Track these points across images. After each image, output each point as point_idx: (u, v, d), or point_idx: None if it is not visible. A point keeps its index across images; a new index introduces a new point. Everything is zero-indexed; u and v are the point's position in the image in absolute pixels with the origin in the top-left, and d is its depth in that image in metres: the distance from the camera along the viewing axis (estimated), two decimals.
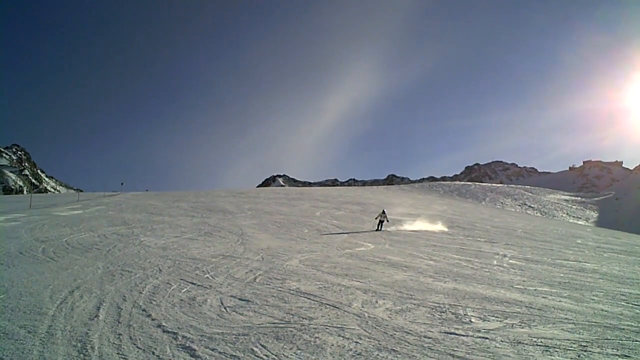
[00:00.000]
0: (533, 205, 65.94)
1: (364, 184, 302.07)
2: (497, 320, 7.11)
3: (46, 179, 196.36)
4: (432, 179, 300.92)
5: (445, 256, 14.29)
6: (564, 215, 64.15)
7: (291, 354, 5.51)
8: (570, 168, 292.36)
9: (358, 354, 5.52)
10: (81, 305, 7.71)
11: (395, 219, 26.30)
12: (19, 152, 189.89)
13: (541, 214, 60.79)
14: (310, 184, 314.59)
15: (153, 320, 6.92)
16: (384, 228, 22.42)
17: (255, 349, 5.66)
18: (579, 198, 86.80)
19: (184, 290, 8.82)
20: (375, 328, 6.56)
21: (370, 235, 19.45)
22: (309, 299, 8.28)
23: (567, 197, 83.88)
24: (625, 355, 5.65)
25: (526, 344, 5.98)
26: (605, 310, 8.04)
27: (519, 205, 64.02)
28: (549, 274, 11.92)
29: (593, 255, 16.50)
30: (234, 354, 5.51)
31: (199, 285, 9.27)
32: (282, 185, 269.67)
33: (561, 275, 11.79)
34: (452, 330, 6.51)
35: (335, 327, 6.55)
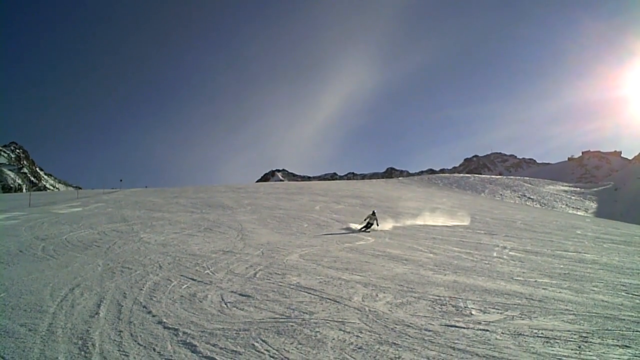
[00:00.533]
0: (532, 197, 65.95)
1: (363, 177, 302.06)
2: (498, 313, 7.12)
3: (45, 177, 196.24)
4: (431, 171, 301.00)
5: (445, 249, 14.29)
6: (563, 206, 64.19)
7: (292, 349, 5.51)
8: (569, 159, 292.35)
9: (359, 348, 5.53)
10: (82, 303, 7.72)
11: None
12: (18, 150, 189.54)
13: (540, 205, 60.84)
14: (309, 178, 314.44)
15: (154, 316, 6.93)
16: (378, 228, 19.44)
17: (256, 344, 5.67)
18: (578, 189, 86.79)
19: (184, 287, 8.82)
20: (375, 322, 6.57)
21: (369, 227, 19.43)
22: (309, 293, 8.29)
23: (566, 188, 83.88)
24: (625, 346, 5.66)
25: (527, 335, 5.99)
26: (606, 301, 8.04)
27: (518, 197, 64.03)
28: (549, 265, 11.93)
29: (593, 246, 16.51)
30: (235, 349, 5.51)
31: (199, 281, 9.27)
32: (281, 180, 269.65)
33: (561, 266, 11.80)
34: (453, 323, 6.51)
35: (335, 322, 6.56)
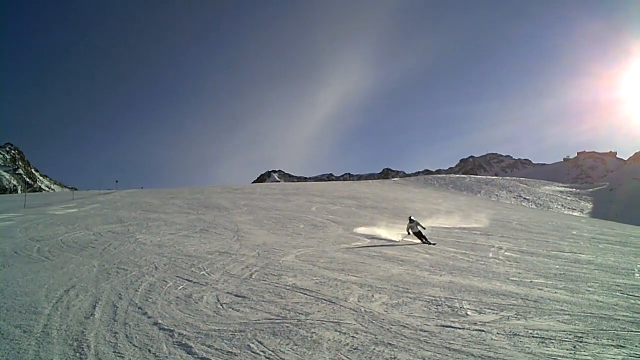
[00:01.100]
0: (528, 197, 66.11)
1: (360, 178, 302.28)
2: (493, 313, 7.13)
3: (40, 178, 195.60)
4: (427, 172, 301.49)
5: (441, 249, 14.32)
6: (559, 206, 64.37)
7: (288, 350, 5.51)
8: (564, 159, 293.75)
9: (354, 349, 5.53)
10: (77, 304, 7.70)
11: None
12: (13, 151, 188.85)
13: (536, 205, 60.99)
14: (305, 179, 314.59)
15: (149, 318, 6.92)
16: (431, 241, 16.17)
17: (251, 345, 5.66)
18: (574, 189, 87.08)
19: (180, 288, 8.80)
20: (371, 322, 6.57)
21: (366, 229, 19.43)
22: (305, 294, 8.29)
23: (562, 189, 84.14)
24: (620, 346, 5.68)
25: (522, 335, 6.01)
26: (601, 301, 8.07)
27: (514, 197, 64.17)
28: (544, 265, 11.96)
29: (588, 247, 16.57)
30: (231, 350, 5.50)
31: (195, 282, 9.25)
32: (278, 181, 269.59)
33: (557, 266, 11.83)
34: (449, 324, 6.52)
35: (331, 322, 6.56)
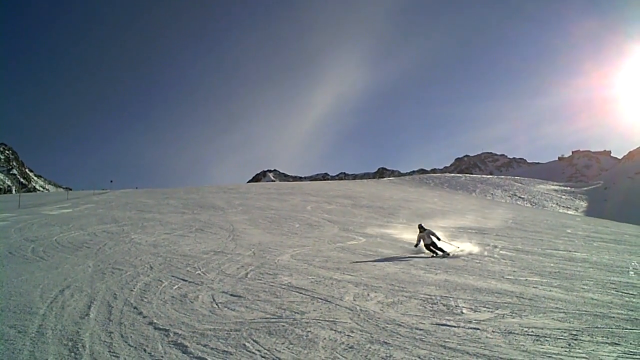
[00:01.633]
0: (523, 196, 66.34)
1: (355, 177, 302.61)
2: (488, 311, 7.15)
3: (35, 178, 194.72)
4: (423, 171, 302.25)
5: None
6: (554, 205, 64.64)
7: (283, 349, 5.50)
8: (559, 158, 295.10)
9: (350, 347, 5.53)
10: (72, 304, 7.66)
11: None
12: (7, 152, 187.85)
13: (531, 204, 61.23)
14: (301, 179, 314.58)
15: (144, 317, 6.89)
16: (446, 250, 13.87)
17: (247, 344, 5.65)
18: (569, 188, 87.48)
19: (175, 287, 8.78)
20: (367, 321, 6.57)
21: (361, 227, 19.44)
22: (300, 293, 8.29)
23: (557, 187, 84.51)
24: (615, 343, 5.70)
25: (517, 333, 6.02)
26: (595, 299, 8.10)
27: (509, 196, 64.37)
28: (539, 264, 12.00)
29: (583, 245, 16.63)
30: (226, 349, 5.49)
31: (190, 282, 9.23)
32: (273, 180, 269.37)
33: (551, 265, 11.88)
34: (444, 322, 6.53)
35: (327, 321, 6.56)
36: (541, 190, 75.30)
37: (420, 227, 14.38)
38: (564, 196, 74.85)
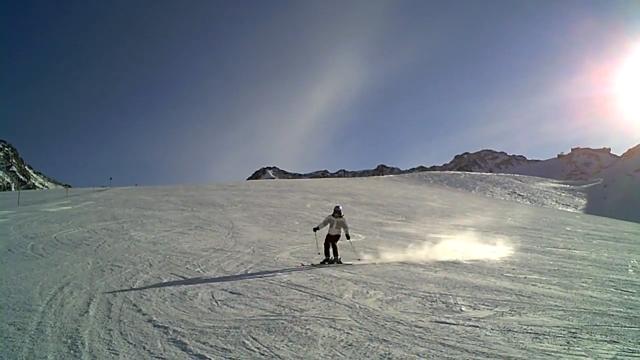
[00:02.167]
0: (522, 194, 66.35)
1: (354, 175, 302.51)
2: (487, 309, 7.15)
3: (34, 175, 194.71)
4: (422, 168, 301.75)
5: (436, 245, 14.34)
6: (553, 202, 64.69)
7: (282, 346, 5.50)
8: (558, 155, 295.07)
9: (349, 345, 5.53)
10: (71, 302, 7.66)
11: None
12: (6, 149, 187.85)
13: (530, 202, 61.25)
14: (300, 176, 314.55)
15: (144, 315, 6.89)
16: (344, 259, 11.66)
17: (246, 341, 5.65)
18: (568, 185, 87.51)
19: (174, 285, 8.78)
20: (366, 319, 6.57)
21: (361, 225, 19.43)
22: (300, 291, 8.29)
23: (556, 185, 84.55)
24: (614, 341, 5.70)
25: (516, 331, 6.02)
26: (594, 297, 8.11)
27: (509, 194, 64.39)
28: (538, 261, 12.01)
29: (582, 243, 16.65)
30: (225, 347, 5.49)
31: (189, 279, 9.24)
32: (272, 178, 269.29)
33: (550, 262, 11.89)
34: (443, 320, 6.53)
35: (326, 319, 6.56)
36: (540, 188, 75.29)
37: (337, 211, 11.95)
38: (563, 194, 74.89)
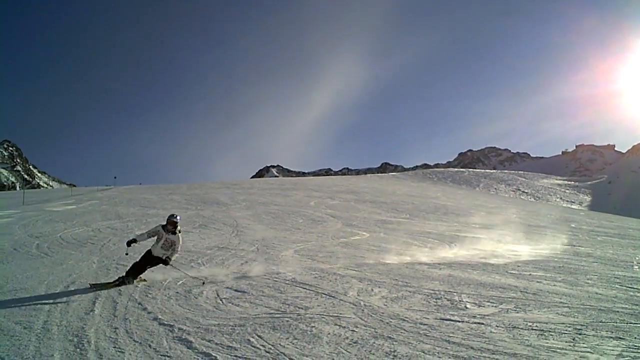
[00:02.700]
0: (527, 191, 66.20)
1: (358, 172, 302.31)
2: (492, 306, 7.15)
3: (39, 175, 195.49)
4: (426, 166, 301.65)
5: (439, 243, 14.33)
6: (558, 199, 64.54)
7: (287, 344, 5.51)
8: (563, 152, 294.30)
9: (354, 342, 5.54)
10: (77, 300, 7.69)
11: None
12: (11, 148, 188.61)
13: (535, 198, 61.11)
14: (304, 174, 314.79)
15: (149, 313, 6.91)
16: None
17: (251, 339, 5.67)
18: (572, 182, 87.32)
19: (179, 283, 8.80)
20: (371, 316, 6.57)
21: (365, 223, 19.42)
22: (304, 288, 8.29)
23: (561, 182, 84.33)
24: (619, 338, 5.70)
25: (521, 328, 6.02)
26: (600, 294, 8.09)
27: (513, 191, 64.24)
28: (543, 258, 11.98)
29: (587, 239, 16.61)
30: (231, 344, 5.51)
31: (194, 278, 9.25)
32: (276, 176, 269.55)
33: (555, 259, 11.86)
34: (448, 317, 6.53)
35: (331, 316, 6.57)
36: (545, 185, 75.10)
37: (171, 222, 8.87)
38: (567, 190, 74.68)
